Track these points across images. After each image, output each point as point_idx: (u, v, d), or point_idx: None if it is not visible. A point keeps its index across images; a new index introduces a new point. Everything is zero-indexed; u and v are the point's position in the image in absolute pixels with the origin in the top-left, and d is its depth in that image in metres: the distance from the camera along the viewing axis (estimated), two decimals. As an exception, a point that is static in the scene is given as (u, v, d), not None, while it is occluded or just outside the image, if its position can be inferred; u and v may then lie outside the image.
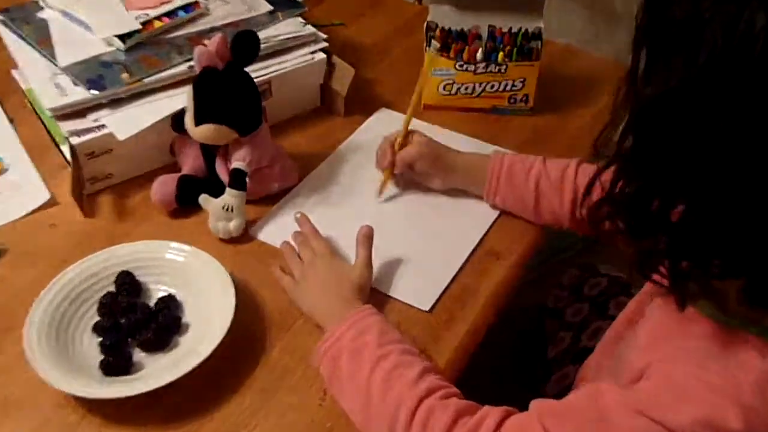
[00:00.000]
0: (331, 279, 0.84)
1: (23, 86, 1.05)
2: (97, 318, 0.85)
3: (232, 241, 0.95)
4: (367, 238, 0.85)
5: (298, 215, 0.92)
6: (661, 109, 0.57)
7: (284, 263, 0.89)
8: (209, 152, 0.98)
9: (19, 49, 1.05)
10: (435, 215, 0.98)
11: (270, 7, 1.12)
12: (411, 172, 0.97)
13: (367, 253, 0.84)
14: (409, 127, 0.98)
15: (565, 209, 0.92)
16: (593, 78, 1.14)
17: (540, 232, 0.97)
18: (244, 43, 0.91)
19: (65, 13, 1.08)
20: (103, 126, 0.98)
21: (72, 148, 0.95)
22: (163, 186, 0.98)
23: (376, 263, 0.89)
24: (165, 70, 1.02)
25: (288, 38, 1.08)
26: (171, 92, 1.02)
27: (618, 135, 0.61)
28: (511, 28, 1.09)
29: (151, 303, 0.88)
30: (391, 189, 1.00)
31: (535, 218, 0.94)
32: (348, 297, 0.82)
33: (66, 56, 1.02)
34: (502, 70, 1.08)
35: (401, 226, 0.96)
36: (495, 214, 0.99)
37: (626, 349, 0.72)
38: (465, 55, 1.09)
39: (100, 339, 0.83)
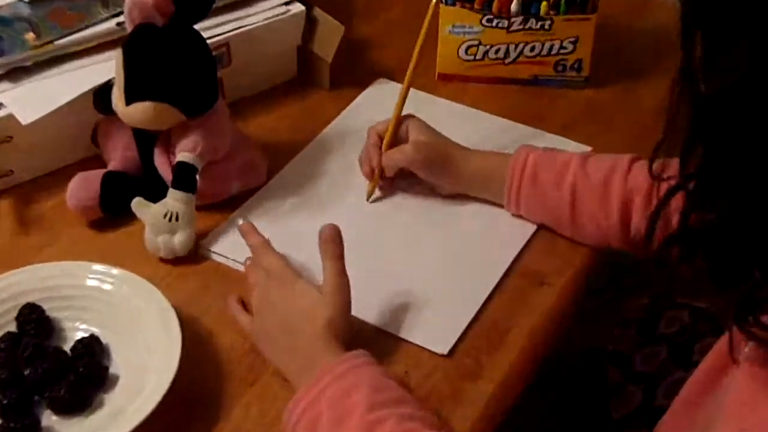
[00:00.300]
0: (293, 314, 0.83)
1: None
2: (-9, 368, 0.84)
3: (177, 261, 0.95)
4: (331, 242, 0.83)
5: (241, 222, 0.91)
6: (730, 106, 0.59)
7: (246, 291, 0.89)
8: (145, 141, 0.99)
9: None
10: (452, 225, 0.99)
11: (228, -58, 1.12)
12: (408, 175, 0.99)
13: (337, 265, 0.82)
14: (407, 111, 0.99)
15: (613, 223, 0.93)
16: (672, 37, 1.10)
17: (594, 251, 0.98)
18: (192, -11, 0.92)
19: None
20: (0, 105, 0.99)
21: (-45, 135, 0.95)
22: (83, 187, 0.98)
23: (373, 291, 0.89)
24: (85, 28, 1.03)
25: (253, -18, 1.09)
26: (93, 59, 1.03)
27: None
28: (557, -32, 1.10)
29: (67, 347, 0.88)
30: (391, 191, 1.02)
31: (574, 234, 0.95)
32: (320, 338, 0.81)
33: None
34: (546, 27, 1.10)
35: (407, 240, 0.97)
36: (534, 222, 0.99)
37: (707, 418, 0.74)
38: (494, 6, 1.10)
39: (-4, 397, 0.82)
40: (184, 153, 0.96)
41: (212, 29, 1.05)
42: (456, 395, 0.84)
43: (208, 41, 0.97)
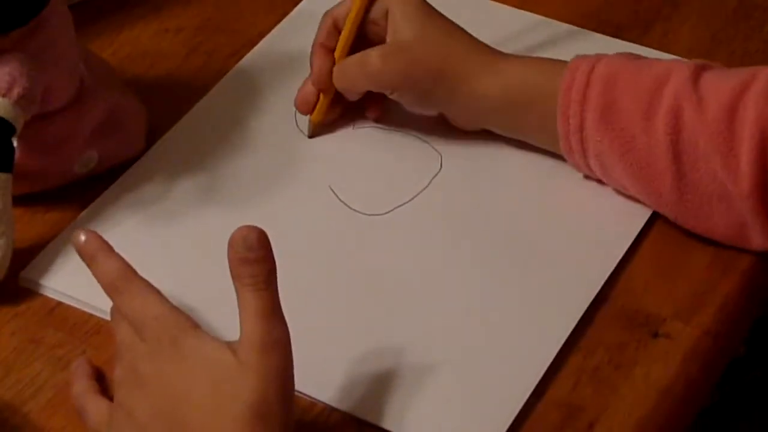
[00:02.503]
0: (185, 401, 0.67)
1: None
2: None
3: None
4: (250, 262, 0.68)
5: (82, 237, 0.73)
6: None
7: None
8: None
9: None
10: (482, 237, 0.83)
11: None
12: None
13: (263, 301, 0.67)
14: None
15: (745, 191, 0.75)
16: None
17: (756, 264, 0.80)
18: None
19: None
20: None
21: None
22: None
23: (363, 357, 0.75)
24: None
25: None
26: None
27: None
28: None
29: None
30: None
31: (679, 215, 0.79)
32: None
33: None
34: None
35: (400, 258, 0.82)
36: (639, 221, 0.82)
37: None
38: None
39: None
40: (-11, 96, 0.83)
41: None
42: None
43: None
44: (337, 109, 0.87)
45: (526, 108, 0.83)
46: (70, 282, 0.78)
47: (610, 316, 0.77)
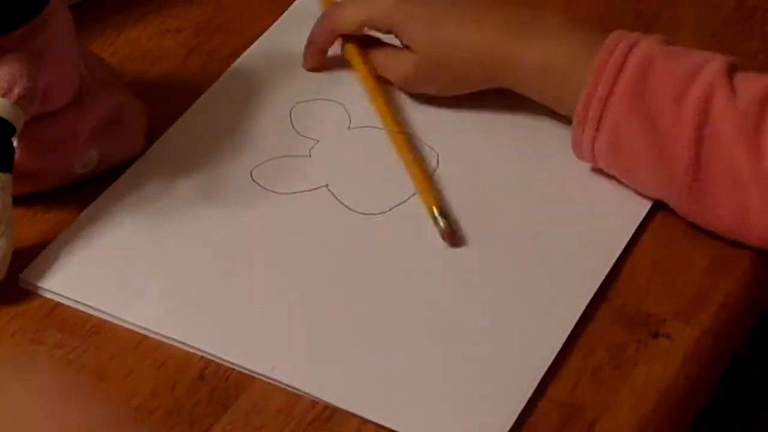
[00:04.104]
0: None
1: None
2: None
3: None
4: None
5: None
6: None
7: None
8: None
9: None
10: (483, 243, 0.82)
11: None
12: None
13: None
14: None
15: (764, 192, 0.76)
16: None
17: (757, 264, 0.80)
18: None
19: None
20: None
21: None
22: None
23: (362, 356, 0.75)
24: None
25: None
26: None
27: None
28: None
29: None
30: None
31: (690, 208, 0.79)
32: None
33: None
34: None
35: (408, 261, 0.81)
36: (636, 218, 0.83)
37: None
38: None
39: None
40: (-11, 97, 0.84)
41: None
42: None
43: None
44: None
45: (560, 76, 0.83)
46: (69, 283, 0.78)
47: (610, 316, 0.77)
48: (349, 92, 0.91)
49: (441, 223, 0.81)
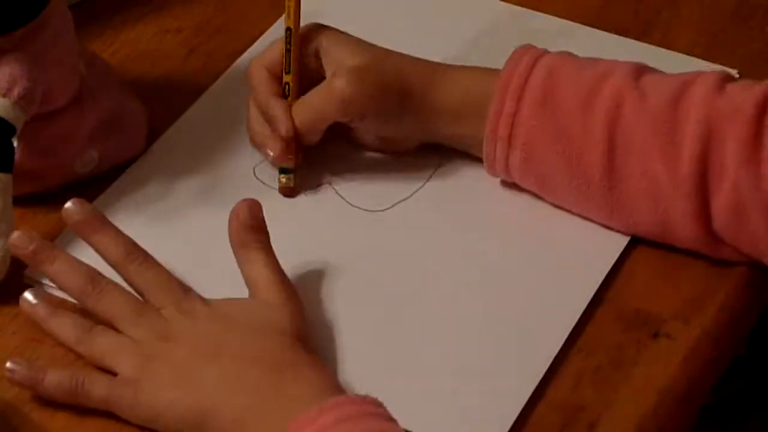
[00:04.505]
0: (235, 339, 0.72)
1: None
2: None
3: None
4: (255, 229, 0.75)
5: (71, 205, 0.76)
6: None
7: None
8: None
9: None
10: (484, 233, 0.83)
11: None
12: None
13: (271, 259, 0.75)
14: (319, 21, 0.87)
15: (683, 183, 0.76)
16: None
17: (756, 264, 0.79)
18: None
19: None
20: None
21: None
22: None
23: (362, 355, 0.76)
24: None
25: None
26: None
27: None
28: None
29: None
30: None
31: (610, 215, 0.79)
32: (290, 362, 0.72)
33: None
34: None
35: (403, 262, 0.82)
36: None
37: None
38: None
39: None
40: (-10, 97, 0.83)
41: None
42: None
43: None
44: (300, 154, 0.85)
45: (472, 109, 0.82)
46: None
47: (610, 316, 0.77)
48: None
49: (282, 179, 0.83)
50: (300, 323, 0.74)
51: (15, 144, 0.77)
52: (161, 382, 0.71)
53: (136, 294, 0.75)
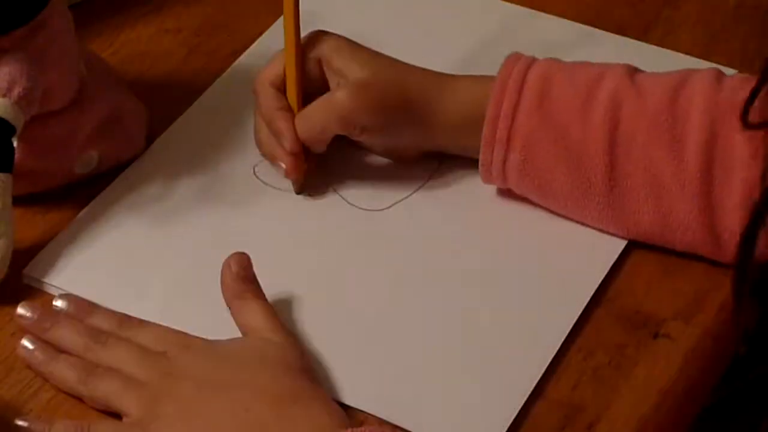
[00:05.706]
0: (241, 371, 0.71)
1: None
2: None
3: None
4: (248, 280, 0.75)
5: (60, 303, 0.75)
6: None
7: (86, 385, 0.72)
8: None
9: None
10: (483, 232, 0.83)
11: None
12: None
13: (267, 305, 0.74)
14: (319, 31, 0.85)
15: (690, 180, 0.76)
16: None
17: None
18: None
19: None
20: None
21: None
22: None
23: (362, 354, 0.76)
24: None
25: None
26: None
27: None
28: None
29: None
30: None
31: (610, 215, 0.79)
32: (298, 395, 0.70)
33: None
34: None
35: (400, 267, 0.81)
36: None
37: None
38: None
39: None
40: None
41: None
42: None
43: None
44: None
45: (475, 119, 0.82)
46: (72, 279, 0.78)
47: (610, 316, 0.77)
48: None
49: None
50: (304, 358, 0.74)
51: (15, 144, 0.77)
52: (169, 421, 0.71)
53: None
